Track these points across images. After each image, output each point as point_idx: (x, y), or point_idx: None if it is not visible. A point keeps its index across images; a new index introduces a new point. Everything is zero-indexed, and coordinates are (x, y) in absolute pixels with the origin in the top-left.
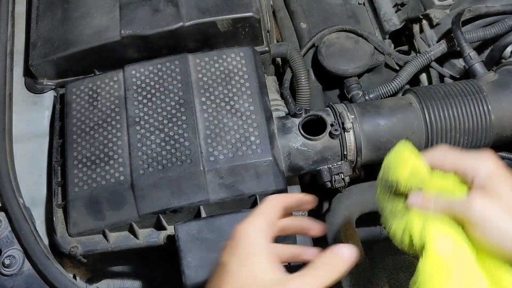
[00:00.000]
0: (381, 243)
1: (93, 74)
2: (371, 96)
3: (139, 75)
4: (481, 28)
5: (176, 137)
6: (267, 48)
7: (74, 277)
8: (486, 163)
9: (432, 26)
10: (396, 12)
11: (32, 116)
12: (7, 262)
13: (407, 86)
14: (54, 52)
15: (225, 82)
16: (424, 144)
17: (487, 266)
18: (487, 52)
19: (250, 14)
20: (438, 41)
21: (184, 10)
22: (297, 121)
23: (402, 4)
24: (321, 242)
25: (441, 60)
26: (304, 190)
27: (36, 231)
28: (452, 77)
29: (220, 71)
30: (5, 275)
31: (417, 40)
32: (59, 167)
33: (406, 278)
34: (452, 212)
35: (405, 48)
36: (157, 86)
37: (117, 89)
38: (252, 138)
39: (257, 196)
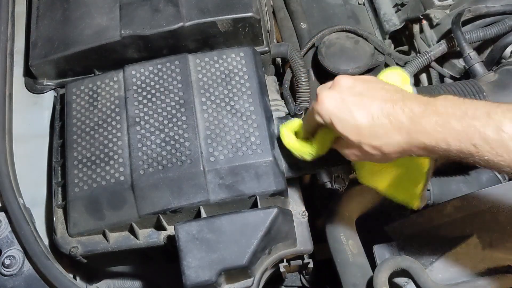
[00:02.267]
0: (381, 243)
1: (93, 74)
2: None
3: (139, 75)
4: (481, 28)
5: (176, 137)
6: (267, 48)
7: (74, 277)
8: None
9: (432, 26)
10: (396, 12)
11: (32, 116)
12: (7, 262)
13: None
14: (54, 52)
15: (225, 82)
16: None
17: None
18: (487, 52)
19: (250, 14)
20: (438, 41)
21: (184, 10)
22: None
23: (402, 4)
24: (321, 242)
25: (441, 60)
26: (304, 190)
27: (36, 231)
28: (452, 77)
29: (220, 71)
30: (5, 275)
31: (417, 40)
32: (59, 167)
33: (406, 278)
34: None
35: (405, 48)
36: (157, 86)
37: (117, 89)
38: (252, 139)
39: (257, 197)
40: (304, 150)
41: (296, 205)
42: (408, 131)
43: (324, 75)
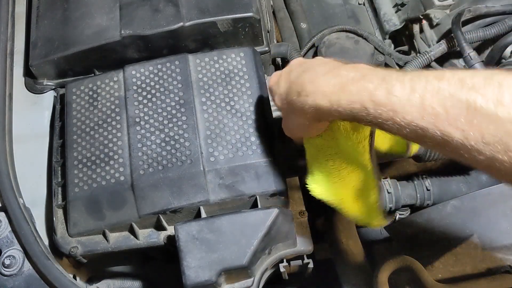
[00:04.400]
0: (381, 243)
1: (93, 74)
2: None
3: (139, 75)
4: (481, 28)
5: (176, 137)
6: (267, 48)
7: (74, 277)
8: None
9: (432, 26)
10: (396, 12)
11: (32, 116)
12: (7, 262)
13: None
14: (54, 52)
15: (225, 82)
16: None
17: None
18: (487, 52)
19: (250, 14)
20: (438, 41)
21: (184, 10)
22: None
23: (402, 4)
24: (321, 242)
25: (441, 60)
26: (304, 190)
27: (36, 231)
28: None
29: (220, 71)
30: (5, 275)
31: (417, 40)
32: (59, 167)
33: (406, 278)
34: None
35: (405, 48)
36: (157, 86)
37: (117, 89)
38: (252, 139)
39: (257, 197)
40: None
41: (296, 205)
42: (307, 94)
43: None
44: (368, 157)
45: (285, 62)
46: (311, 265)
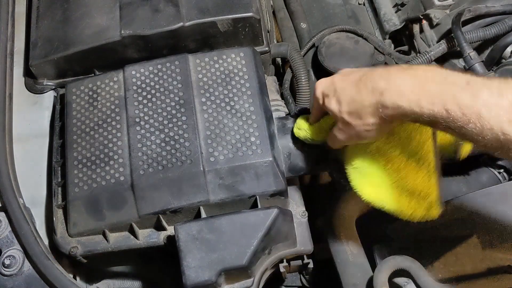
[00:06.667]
0: (381, 243)
1: (93, 74)
2: None
3: (139, 75)
4: (481, 28)
5: (176, 137)
6: (267, 48)
7: (74, 277)
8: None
9: (432, 26)
10: (396, 12)
11: (32, 116)
12: (7, 262)
13: None
14: (54, 52)
15: (225, 82)
16: None
17: None
18: (487, 52)
19: (250, 14)
20: (438, 41)
21: (184, 10)
22: None
23: (402, 4)
24: (321, 242)
25: (441, 60)
26: (304, 190)
27: (36, 231)
28: None
29: (220, 71)
30: (5, 275)
31: (417, 40)
32: (59, 167)
33: (406, 278)
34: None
35: (405, 48)
36: (157, 86)
37: (117, 89)
38: (252, 139)
39: (257, 197)
40: (305, 133)
41: (296, 205)
42: (381, 92)
43: (324, 75)
44: (432, 155)
45: (285, 62)
46: (311, 265)
